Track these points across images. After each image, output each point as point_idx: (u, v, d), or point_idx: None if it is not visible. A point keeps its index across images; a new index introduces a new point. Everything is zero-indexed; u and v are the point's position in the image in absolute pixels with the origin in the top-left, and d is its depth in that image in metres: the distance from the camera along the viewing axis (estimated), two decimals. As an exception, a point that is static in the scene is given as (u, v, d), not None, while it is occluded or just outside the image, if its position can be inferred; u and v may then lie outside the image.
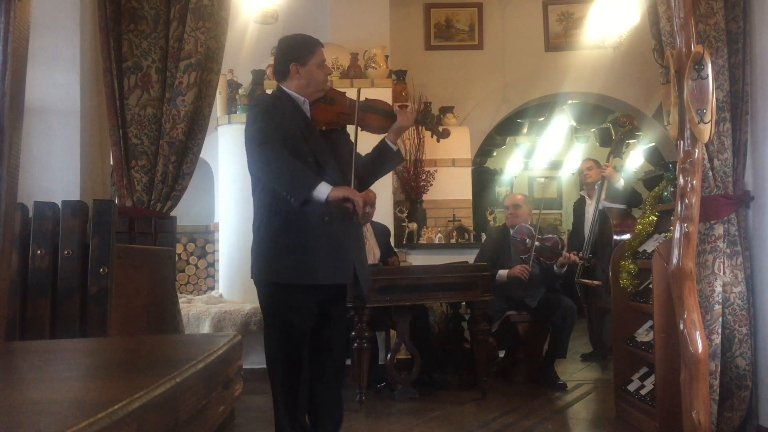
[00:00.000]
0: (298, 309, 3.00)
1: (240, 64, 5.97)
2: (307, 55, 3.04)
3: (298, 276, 2.95)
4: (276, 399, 3.07)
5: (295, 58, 3.04)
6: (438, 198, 6.38)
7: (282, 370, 3.03)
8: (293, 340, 3.01)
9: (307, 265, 2.94)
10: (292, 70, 3.04)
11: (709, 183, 3.45)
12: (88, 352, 1.31)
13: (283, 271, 2.96)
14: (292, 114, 3.02)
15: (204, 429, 0.88)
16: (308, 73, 3.04)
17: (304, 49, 3.07)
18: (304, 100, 3.07)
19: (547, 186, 12.17)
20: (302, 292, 2.98)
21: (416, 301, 4.61)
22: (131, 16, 3.64)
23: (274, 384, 3.06)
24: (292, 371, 3.03)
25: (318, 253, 2.94)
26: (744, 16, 3.50)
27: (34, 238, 2.57)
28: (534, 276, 5.15)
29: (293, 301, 2.99)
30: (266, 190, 2.99)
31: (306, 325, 3.03)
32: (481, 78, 7.17)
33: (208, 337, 1.96)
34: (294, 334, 3.00)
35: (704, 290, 3.44)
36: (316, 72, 3.05)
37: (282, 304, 3.00)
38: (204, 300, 5.71)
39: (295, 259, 2.94)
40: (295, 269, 2.94)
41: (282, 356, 3.03)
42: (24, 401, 0.79)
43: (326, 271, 2.96)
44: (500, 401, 4.59)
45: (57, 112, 3.31)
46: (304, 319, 3.02)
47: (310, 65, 3.04)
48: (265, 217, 3.00)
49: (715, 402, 3.39)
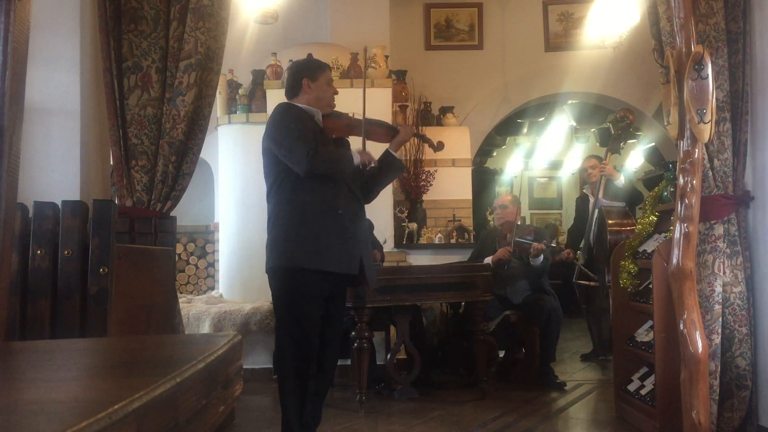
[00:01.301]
0: (309, 297, 3.17)
1: (240, 64, 5.97)
2: (319, 72, 3.36)
3: (312, 261, 3.16)
4: (285, 393, 3.18)
5: (307, 74, 3.34)
6: (438, 198, 6.38)
7: (293, 362, 3.16)
8: (305, 330, 3.16)
9: (320, 252, 3.17)
10: (305, 85, 3.33)
11: (709, 183, 3.45)
12: (88, 352, 1.31)
13: (299, 255, 3.17)
14: (309, 121, 3.29)
15: (204, 429, 0.88)
16: (319, 88, 3.34)
17: (315, 67, 3.41)
18: (316, 111, 3.34)
19: (547, 186, 12.16)
20: (313, 280, 3.16)
21: (416, 301, 4.61)
22: (131, 16, 3.64)
23: (284, 378, 3.21)
24: (303, 364, 3.16)
25: (331, 242, 3.19)
26: (744, 16, 3.50)
27: (34, 238, 2.57)
28: (514, 269, 5.19)
29: (305, 288, 3.17)
30: (282, 186, 3.22)
31: (316, 315, 3.20)
32: (481, 78, 7.17)
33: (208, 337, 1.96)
34: (305, 325, 3.16)
35: (704, 290, 3.44)
36: (325, 88, 3.36)
37: (294, 291, 3.18)
38: (204, 300, 5.71)
39: (311, 246, 3.17)
40: (310, 255, 3.16)
41: (294, 348, 3.16)
42: (24, 401, 0.79)
43: (337, 260, 3.20)
44: (500, 401, 4.59)
45: (57, 112, 3.31)
46: (315, 308, 3.19)
47: (320, 81, 3.34)
48: (282, 208, 3.23)
49: (715, 402, 3.39)
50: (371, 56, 5.79)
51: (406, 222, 6.12)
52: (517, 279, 5.22)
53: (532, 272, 5.22)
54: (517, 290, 5.21)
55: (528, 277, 5.24)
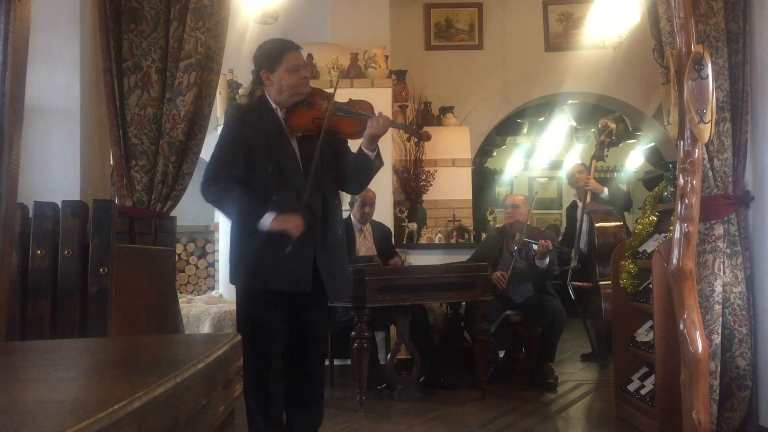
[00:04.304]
0: (262, 313, 3.05)
1: (240, 64, 5.96)
2: (274, 61, 3.02)
3: (252, 281, 3.03)
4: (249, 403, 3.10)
5: (264, 65, 3.04)
6: (438, 198, 6.38)
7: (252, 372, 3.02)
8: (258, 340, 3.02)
9: (258, 270, 3.00)
10: (264, 78, 3.06)
11: (709, 183, 3.45)
12: (88, 352, 1.31)
13: (241, 275, 3.06)
14: (268, 121, 3.06)
15: (204, 429, 0.88)
16: (278, 79, 3.02)
17: (271, 55, 3.04)
18: (275, 108, 3.08)
19: (547, 186, 12.16)
20: (262, 297, 3.03)
21: (416, 301, 4.61)
22: (131, 16, 3.63)
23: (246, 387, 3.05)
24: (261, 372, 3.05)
25: (268, 259, 2.96)
26: (744, 16, 3.50)
27: (34, 238, 2.57)
28: (520, 270, 5.18)
29: (259, 303, 3.05)
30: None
31: (273, 327, 3.05)
32: (481, 78, 7.18)
33: (208, 337, 1.96)
34: (258, 335, 3.02)
35: (704, 290, 3.44)
36: (286, 77, 3.01)
37: (249, 307, 3.08)
38: (204, 300, 5.71)
39: (248, 264, 3.02)
40: (249, 274, 3.03)
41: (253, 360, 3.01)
42: (24, 401, 0.79)
43: (277, 278, 2.98)
44: (500, 401, 4.59)
45: (57, 112, 3.31)
46: (271, 321, 3.05)
47: (278, 71, 3.01)
48: (236, 223, 3.10)
49: (715, 402, 3.39)
50: (371, 56, 5.79)
51: (406, 222, 6.12)
52: (522, 280, 5.21)
53: (537, 274, 5.21)
54: (521, 291, 5.21)
55: (533, 279, 5.23)
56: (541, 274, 5.20)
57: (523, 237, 5.16)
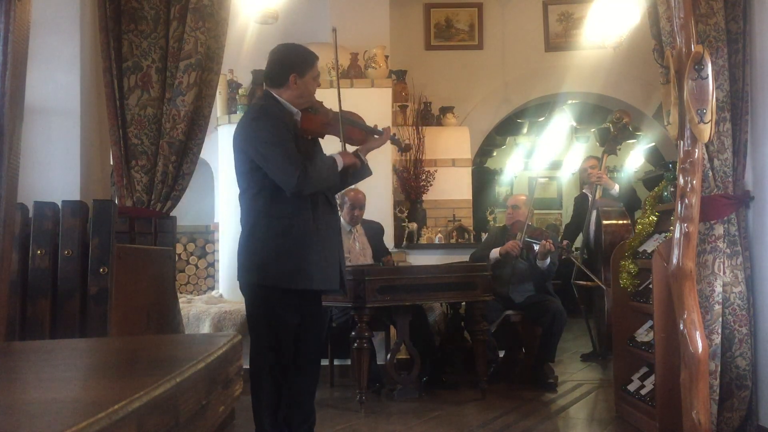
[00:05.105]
0: (286, 312, 3.10)
1: (240, 64, 5.96)
2: (307, 67, 3.14)
3: (294, 280, 3.07)
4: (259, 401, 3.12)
5: (297, 69, 3.12)
6: (438, 198, 6.37)
7: (269, 370, 3.09)
8: (282, 338, 3.10)
9: (301, 271, 3.06)
10: (291, 81, 3.11)
11: (709, 183, 3.45)
12: (88, 352, 1.31)
13: (278, 275, 3.07)
14: (290, 122, 3.14)
15: (204, 429, 0.88)
16: (304, 84, 3.13)
17: (307, 61, 3.16)
18: (297, 112, 3.16)
19: (547, 186, 12.16)
20: (291, 296, 3.10)
21: (416, 301, 4.61)
22: (131, 15, 3.64)
23: (258, 386, 3.12)
24: (280, 371, 3.10)
25: (312, 258, 3.07)
26: (744, 16, 3.50)
27: (34, 238, 2.57)
28: (520, 270, 5.17)
29: (282, 304, 3.09)
30: (261, 196, 3.09)
31: (293, 324, 3.12)
32: (481, 78, 7.17)
33: (208, 337, 1.96)
34: (282, 333, 3.10)
35: (704, 290, 3.44)
36: (311, 84, 3.16)
37: (272, 307, 3.10)
38: (204, 300, 5.71)
39: (293, 263, 3.06)
40: (291, 274, 3.07)
41: (271, 356, 3.09)
42: (24, 401, 0.79)
43: (320, 277, 3.11)
44: (500, 401, 4.59)
45: (57, 112, 3.31)
46: (291, 319, 3.12)
47: (307, 77, 3.13)
48: (260, 222, 3.10)
49: (715, 402, 3.39)
50: (371, 56, 5.79)
51: (406, 222, 6.12)
52: (523, 280, 5.21)
53: (537, 274, 5.21)
54: (521, 291, 5.21)
55: (533, 279, 5.23)
56: (541, 274, 5.20)
57: (524, 237, 5.16)
